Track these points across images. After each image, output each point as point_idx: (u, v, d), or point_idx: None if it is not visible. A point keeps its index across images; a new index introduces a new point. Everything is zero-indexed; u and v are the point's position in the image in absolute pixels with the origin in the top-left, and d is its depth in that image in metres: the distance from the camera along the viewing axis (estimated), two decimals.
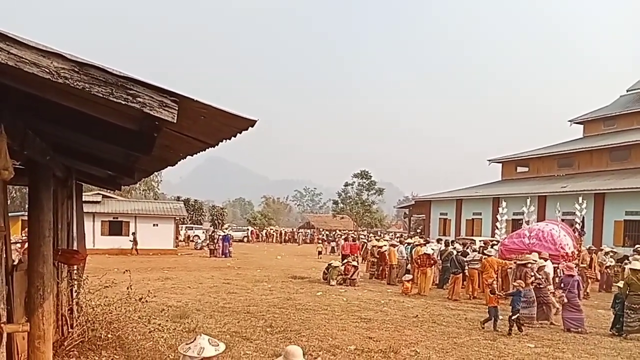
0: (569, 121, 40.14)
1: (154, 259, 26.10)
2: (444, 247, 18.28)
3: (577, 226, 18.04)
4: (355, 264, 18.08)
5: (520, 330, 10.08)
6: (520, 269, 11.78)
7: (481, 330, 10.20)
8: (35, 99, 2.87)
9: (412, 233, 41.80)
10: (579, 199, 19.57)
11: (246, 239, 50.16)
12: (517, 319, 10.05)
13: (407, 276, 16.25)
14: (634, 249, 19.01)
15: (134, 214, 30.18)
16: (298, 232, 57.50)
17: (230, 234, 33.36)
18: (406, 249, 18.99)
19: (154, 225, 30.33)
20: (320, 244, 37.31)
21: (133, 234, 29.18)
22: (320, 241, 41.26)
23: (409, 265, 17.97)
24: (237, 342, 8.33)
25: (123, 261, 22.36)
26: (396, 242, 22.07)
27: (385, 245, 19.63)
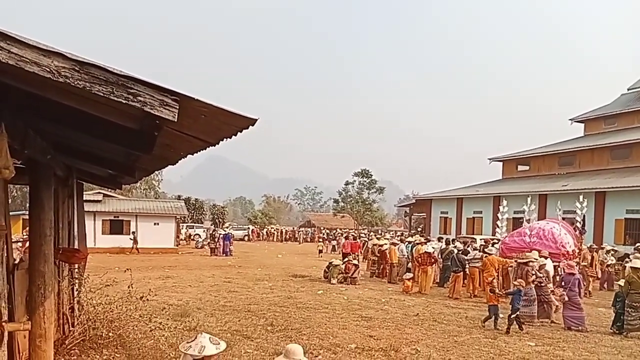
0: (569, 120, 40.11)
1: (154, 257, 26.12)
2: (444, 245, 18.25)
3: (578, 224, 18.08)
4: (356, 262, 18.10)
5: (521, 328, 10.08)
6: (521, 267, 11.76)
7: (482, 329, 10.20)
8: (36, 98, 2.87)
9: (413, 231, 41.80)
10: (580, 197, 19.60)
11: (247, 238, 50.18)
12: (516, 317, 10.05)
13: (408, 275, 16.27)
14: (635, 247, 19.01)
15: (134, 212, 30.22)
16: (299, 230, 57.48)
17: (231, 233, 33.38)
18: (407, 247, 18.98)
19: (154, 224, 30.37)
20: (321, 242, 37.27)
21: (133, 233, 29.23)
22: (321, 240, 41.25)
23: (409, 264, 17.97)
24: (238, 341, 8.34)
25: (124, 260, 22.36)
26: (397, 240, 22.00)
27: (386, 244, 19.63)
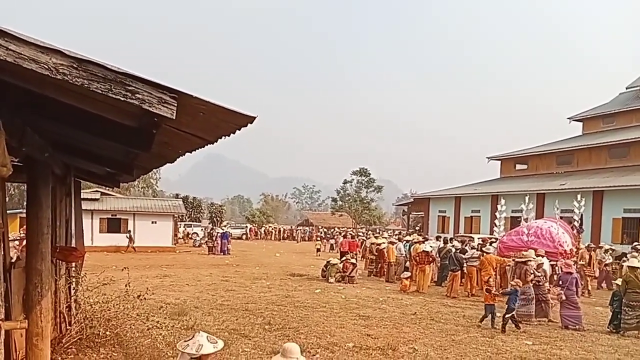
0: (568, 118, 40.16)
1: (152, 256, 26.09)
2: (442, 244, 18.28)
3: (576, 224, 18.10)
4: (353, 261, 18.09)
5: (518, 327, 10.10)
6: (519, 266, 11.78)
7: (479, 328, 10.22)
8: (34, 95, 2.86)
9: (411, 230, 41.80)
10: (578, 196, 19.63)
11: (245, 237, 50.14)
12: (511, 317, 10.07)
13: (406, 273, 16.29)
14: (632, 247, 19.04)
15: (132, 211, 30.19)
16: (297, 229, 57.46)
17: (229, 232, 33.31)
18: (405, 246, 18.98)
19: (152, 222, 30.32)
20: (319, 241, 37.25)
21: (129, 231, 29.18)
22: (318, 238, 41.23)
23: (407, 263, 18.00)
24: (235, 340, 8.35)
25: (121, 259, 22.34)
26: (395, 239, 22.04)
27: (384, 243, 19.63)
